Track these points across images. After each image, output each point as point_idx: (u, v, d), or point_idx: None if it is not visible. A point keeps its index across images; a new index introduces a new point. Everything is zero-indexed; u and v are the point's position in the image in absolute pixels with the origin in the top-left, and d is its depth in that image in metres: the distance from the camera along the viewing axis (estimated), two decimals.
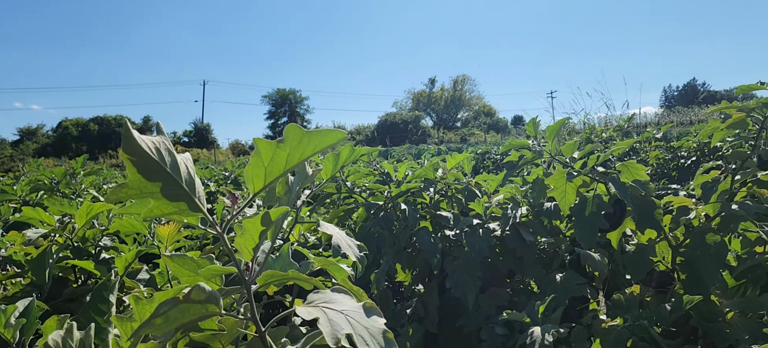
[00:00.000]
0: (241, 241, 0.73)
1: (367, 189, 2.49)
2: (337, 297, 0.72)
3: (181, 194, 0.64)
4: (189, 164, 0.68)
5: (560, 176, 2.08)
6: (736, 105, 1.81)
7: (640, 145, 6.46)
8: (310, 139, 0.69)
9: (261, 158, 0.70)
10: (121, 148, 0.57)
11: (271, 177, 0.72)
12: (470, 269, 2.27)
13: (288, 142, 0.69)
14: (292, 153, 0.70)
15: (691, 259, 1.78)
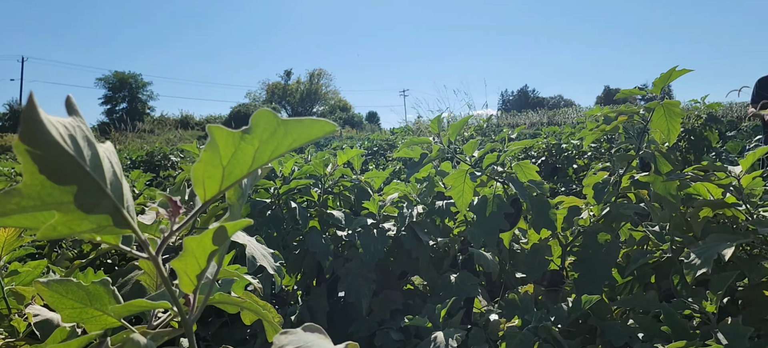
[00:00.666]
0: (180, 265, 0.52)
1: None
2: (311, 339, 0.55)
3: (104, 204, 0.42)
4: (114, 160, 0.46)
5: (459, 175, 2.05)
6: (623, 110, 1.92)
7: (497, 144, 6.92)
8: (288, 130, 0.51)
9: (218, 154, 0.50)
10: (19, 137, 0.35)
11: (230, 179, 0.52)
12: (364, 272, 2.15)
13: (257, 134, 0.50)
14: (262, 148, 0.51)
15: (584, 259, 1.85)
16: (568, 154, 5.95)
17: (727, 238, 1.55)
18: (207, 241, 0.51)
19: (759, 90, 5.54)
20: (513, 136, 6.55)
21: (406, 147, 2.22)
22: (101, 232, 0.45)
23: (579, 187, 5.54)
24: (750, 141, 6.83)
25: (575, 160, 5.92)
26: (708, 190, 1.76)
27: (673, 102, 1.87)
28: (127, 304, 0.56)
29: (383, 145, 7.85)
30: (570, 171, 5.95)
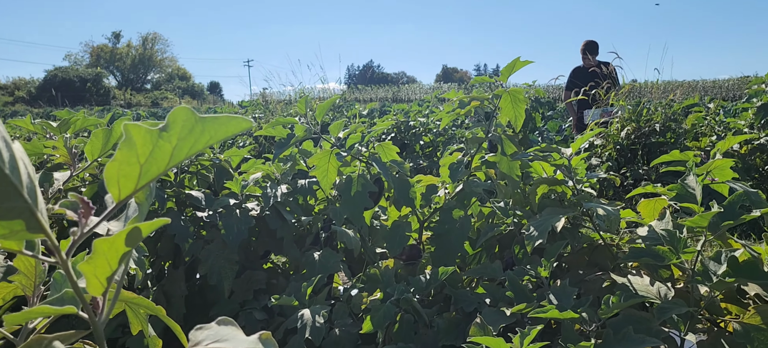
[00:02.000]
0: (89, 268, 0.48)
1: (99, 166, 2.04)
2: (226, 332, 0.55)
3: (19, 208, 0.38)
4: (26, 160, 0.41)
5: (324, 155, 2.08)
6: (475, 96, 2.09)
7: (348, 120, 7.04)
8: (205, 127, 0.50)
9: (135, 151, 0.47)
10: None
11: (147, 177, 0.49)
12: (226, 253, 2.10)
13: (174, 131, 0.48)
14: (179, 145, 0.49)
15: (440, 234, 2.00)
16: (415, 132, 6.29)
17: (558, 212, 1.80)
18: (119, 242, 0.48)
19: (572, 78, 6.49)
20: (364, 112, 6.74)
21: (271, 127, 2.18)
22: (14, 237, 0.40)
23: (426, 161, 5.90)
24: (564, 121, 7.82)
25: (422, 137, 6.28)
26: (544, 169, 2.01)
27: (518, 90, 2.09)
28: (29, 311, 0.51)
29: None
30: (417, 147, 6.30)
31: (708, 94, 35.48)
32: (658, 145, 4.83)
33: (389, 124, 2.22)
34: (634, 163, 4.95)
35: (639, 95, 27.00)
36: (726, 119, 4.97)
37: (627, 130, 5.06)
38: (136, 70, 65.32)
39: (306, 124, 2.09)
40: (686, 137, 4.94)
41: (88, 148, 1.05)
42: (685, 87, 40.95)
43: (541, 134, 6.68)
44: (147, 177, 0.49)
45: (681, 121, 4.91)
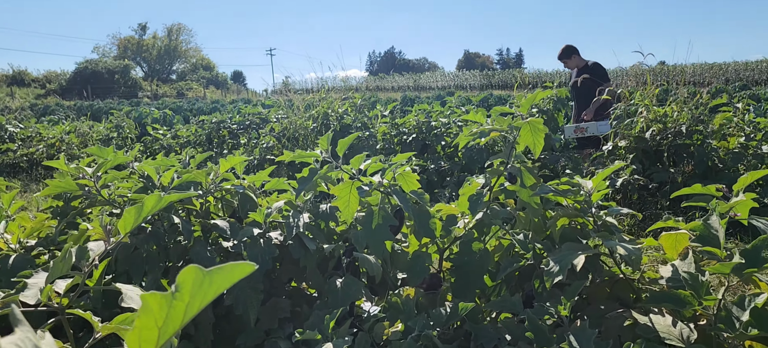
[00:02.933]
0: None
1: (128, 200, 2.11)
2: None
3: None
4: None
5: (345, 187, 2.12)
6: (495, 127, 2.09)
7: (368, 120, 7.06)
8: (213, 280, 0.53)
9: (153, 317, 0.51)
10: None
11: (165, 337, 0.53)
12: (252, 282, 2.15)
13: (185, 290, 0.52)
14: (191, 302, 0.53)
15: (460, 265, 2.03)
16: (437, 132, 6.28)
17: (578, 248, 1.80)
18: None
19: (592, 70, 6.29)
20: (386, 112, 6.74)
21: (293, 156, 2.22)
22: None
23: (447, 163, 5.90)
24: None
25: (443, 138, 6.27)
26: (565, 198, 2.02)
27: (537, 120, 2.09)
28: None
29: (256, 120, 7.65)
30: (439, 148, 6.29)
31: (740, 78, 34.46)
32: (684, 147, 4.74)
33: (408, 156, 2.23)
34: (659, 164, 4.87)
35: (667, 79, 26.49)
36: (755, 119, 4.84)
37: (652, 131, 4.98)
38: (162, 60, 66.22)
39: (329, 160, 2.12)
40: (714, 137, 4.84)
41: (120, 224, 1.10)
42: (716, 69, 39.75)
43: (564, 132, 6.61)
44: (165, 336, 0.53)
45: (708, 121, 4.81)
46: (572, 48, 6.30)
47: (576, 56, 6.29)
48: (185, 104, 24.88)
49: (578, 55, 6.31)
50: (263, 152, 6.87)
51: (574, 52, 6.30)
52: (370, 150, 6.44)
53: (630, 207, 4.60)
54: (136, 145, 8.13)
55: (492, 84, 45.83)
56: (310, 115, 6.89)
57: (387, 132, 6.68)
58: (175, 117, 9.79)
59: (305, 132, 6.83)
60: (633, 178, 4.66)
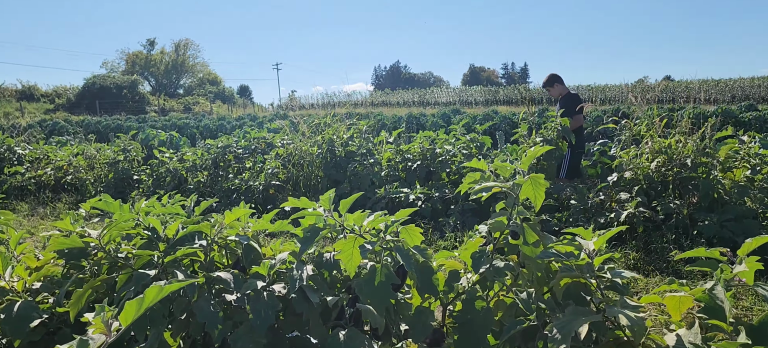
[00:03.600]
0: None
1: (132, 255, 2.12)
2: None
3: None
4: None
5: (348, 242, 2.12)
6: (499, 184, 2.10)
7: (373, 146, 7.07)
8: None
9: None
10: None
11: None
12: (254, 336, 2.15)
13: None
14: None
15: (463, 323, 2.02)
16: (442, 160, 6.29)
17: (582, 313, 1.79)
18: None
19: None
20: (390, 139, 6.77)
21: (295, 203, 2.24)
22: None
23: (452, 191, 5.90)
24: (594, 144, 7.70)
25: (449, 165, 6.28)
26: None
27: (538, 176, 2.09)
28: None
29: (261, 145, 7.69)
30: (443, 175, 6.30)
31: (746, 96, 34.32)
32: (689, 179, 4.73)
33: (409, 212, 2.23)
34: (665, 196, 4.85)
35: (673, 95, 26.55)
36: (761, 151, 4.82)
37: (657, 162, 4.97)
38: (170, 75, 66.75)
39: (331, 220, 2.13)
40: (719, 169, 4.82)
41: (122, 317, 1.11)
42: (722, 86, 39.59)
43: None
44: None
45: (713, 153, 4.79)
46: (556, 77, 6.64)
47: (559, 85, 6.60)
48: (192, 121, 25.02)
49: (561, 83, 6.61)
50: (269, 177, 6.90)
51: (557, 80, 6.61)
52: (375, 177, 6.46)
53: (635, 240, 4.58)
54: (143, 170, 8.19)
55: (497, 99, 45.89)
56: (315, 142, 6.92)
57: (392, 158, 6.69)
58: (181, 139, 9.84)
59: (310, 158, 6.85)
60: (638, 211, 4.65)
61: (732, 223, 4.24)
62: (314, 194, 6.79)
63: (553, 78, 6.65)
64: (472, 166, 2.47)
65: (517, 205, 2.10)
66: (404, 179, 6.49)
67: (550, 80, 6.67)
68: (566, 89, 6.59)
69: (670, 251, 4.24)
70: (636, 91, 40.28)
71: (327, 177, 6.72)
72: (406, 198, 5.84)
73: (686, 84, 40.47)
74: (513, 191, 2.11)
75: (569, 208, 5.23)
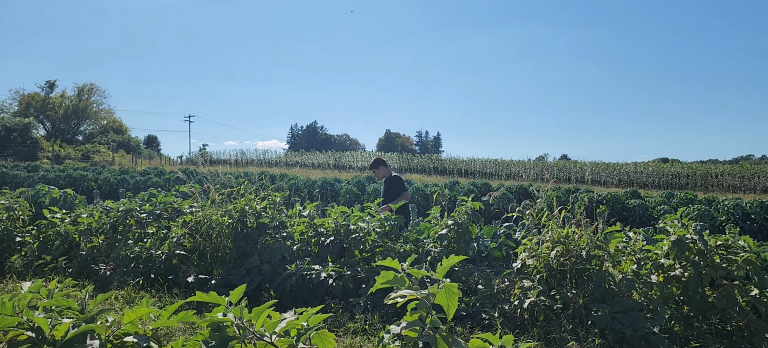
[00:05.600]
0: None
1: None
2: None
3: None
4: None
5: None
6: (413, 292, 2.14)
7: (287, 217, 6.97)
8: None
9: None
10: None
11: None
12: None
13: None
14: None
15: None
16: (355, 237, 6.31)
17: None
18: None
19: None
20: (305, 213, 6.71)
21: (203, 298, 2.14)
22: None
23: (364, 270, 5.89)
24: (500, 226, 8.08)
25: (362, 242, 6.30)
26: None
27: (451, 285, 2.16)
28: None
29: (168, 210, 7.33)
30: (356, 253, 6.30)
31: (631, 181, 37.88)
32: (585, 270, 5.07)
33: (322, 317, 2.21)
34: (563, 285, 5.15)
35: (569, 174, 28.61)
36: (646, 246, 5.29)
37: (556, 251, 5.29)
38: (69, 120, 62.63)
39: (240, 324, 2.06)
40: (611, 261, 5.21)
41: None
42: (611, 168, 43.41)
43: (478, 241, 6.86)
44: None
45: (604, 247, 5.19)
46: (381, 160, 7.95)
47: (383, 167, 7.90)
48: (90, 172, 23.38)
49: (385, 166, 7.92)
50: (173, 246, 6.56)
51: (382, 163, 7.91)
52: (286, 251, 6.34)
53: (537, 327, 4.78)
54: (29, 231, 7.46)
55: (411, 167, 47.24)
56: (227, 211, 6.72)
57: (305, 232, 6.62)
58: (77, 197, 9.14)
59: (220, 228, 6.62)
60: (540, 300, 4.88)
61: (621, 314, 4.56)
62: (221, 265, 6.52)
63: (378, 161, 7.87)
64: (386, 264, 2.51)
65: (430, 314, 2.15)
66: (316, 254, 6.42)
67: (375, 164, 7.88)
68: (389, 171, 7.86)
69: (568, 341, 4.46)
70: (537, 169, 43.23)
71: (236, 248, 6.50)
72: (318, 276, 5.76)
73: (580, 165, 44.00)
74: (427, 300, 2.16)
75: (477, 293, 5.39)
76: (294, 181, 20.70)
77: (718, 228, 12.21)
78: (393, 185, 7.83)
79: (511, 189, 17.15)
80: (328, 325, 5.00)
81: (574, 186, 24.03)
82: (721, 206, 14.04)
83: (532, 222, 6.08)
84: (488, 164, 46.29)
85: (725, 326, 4.75)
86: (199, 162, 53.14)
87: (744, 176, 37.95)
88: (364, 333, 4.85)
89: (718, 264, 4.83)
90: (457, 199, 6.63)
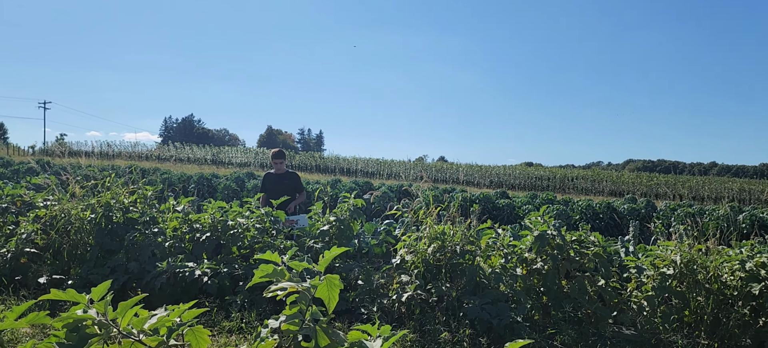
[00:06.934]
0: None
1: None
2: None
3: None
4: None
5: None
6: (294, 285, 2.11)
7: (159, 213, 6.54)
8: None
9: None
10: None
11: None
12: None
13: None
14: None
15: None
16: (234, 233, 6.09)
17: None
18: None
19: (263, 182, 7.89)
20: (179, 208, 6.34)
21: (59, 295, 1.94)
22: None
23: (242, 267, 5.71)
24: (381, 223, 8.25)
25: (241, 239, 6.10)
26: None
27: (333, 276, 2.16)
28: None
29: (16, 204, 6.53)
30: (234, 249, 6.09)
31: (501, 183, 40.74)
32: (458, 265, 5.35)
33: (196, 313, 2.10)
34: (439, 279, 5.39)
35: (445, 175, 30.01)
36: (512, 242, 5.71)
37: (433, 247, 5.52)
38: None
39: (102, 320, 1.90)
40: (482, 256, 5.55)
41: None
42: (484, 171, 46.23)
43: (359, 237, 6.96)
44: None
45: (477, 242, 5.51)
46: (284, 152, 8.01)
47: (285, 160, 7.94)
48: None
49: (285, 159, 7.98)
50: (22, 243, 5.87)
51: (285, 156, 7.96)
52: (158, 248, 5.95)
53: (414, 320, 4.96)
54: None
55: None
56: (89, 205, 6.14)
57: (178, 228, 6.26)
58: None
59: (80, 224, 6.04)
60: (416, 294, 5.07)
61: (489, 305, 4.88)
62: (81, 263, 5.95)
63: (283, 153, 7.90)
64: (265, 257, 2.46)
65: (311, 307, 2.14)
66: (191, 252, 6.10)
67: (281, 154, 7.85)
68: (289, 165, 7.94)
69: (441, 333, 4.68)
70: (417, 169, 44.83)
71: (99, 245, 5.96)
72: (192, 273, 5.47)
73: (456, 166, 46.44)
74: (308, 293, 2.14)
75: (357, 288, 5.46)
76: (167, 175, 19.50)
77: (573, 226, 13.51)
78: (296, 181, 7.78)
79: (392, 188, 17.59)
80: (202, 324, 4.78)
81: (451, 186, 25.26)
82: (576, 206, 15.56)
83: (411, 219, 6.29)
84: (370, 164, 47.11)
85: (577, 313, 5.27)
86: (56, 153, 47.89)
87: (595, 180, 42.45)
88: (241, 331, 4.70)
89: (573, 257, 5.35)
90: (339, 197, 6.67)
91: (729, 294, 4.84)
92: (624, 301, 5.35)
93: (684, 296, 4.99)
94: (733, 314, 4.69)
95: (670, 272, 5.03)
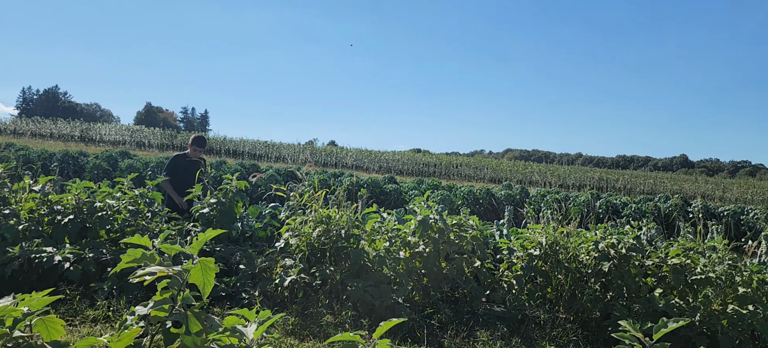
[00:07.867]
0: None
1: None
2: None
3: None
4: None
5: None
6: (165, 269, 1.98)
7: (11, 193, 5.85)
8: None
9: None
10: None
11: None
12: None
13: None
14: None
15: None
16: (102, 215, 5.61)
17: None
18: None
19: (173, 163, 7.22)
20: (36, 187, 5.70)
21: None
22: None
23: (111, 252, 5.28)
24: (266, 206, 8.06)
25: (111, 222, 5.65)
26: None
27: (207, 260, 2.06)
28: None
29: None
30: (103, 233, 5.62)
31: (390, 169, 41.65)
32: (343, 248, 5.38)
33: (49, 299, 1.91)
34: (323, 263, 5.38)
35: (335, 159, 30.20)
36: (397, 226, 5.85)
37: (318, 231, 5.49)
38: None
39: None
40: (368, 240, 5.62)
41: None
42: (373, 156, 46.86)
43: (242, 220, 6.75)
44: None
45: (362, 226, 5.57)
46: (206, 140, 7.64)
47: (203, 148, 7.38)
48: None
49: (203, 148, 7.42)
50: None
51: (206, 144, 7.47)
52: (8, 231, 5.32)
53: (296, 304, 4.91)
54: None
55: (174, 145, 44.03)
56: None
57: (35, 209, 5.65)
58: None
59: None
60: (300, 277, 5.02)
61: (372, 288, 4.97)
62: None
63: (205, 141, 7.41)
64: (134, 241, 2.30)
65: (183, 291, 2.02)
66: (50, 236, 5.53)
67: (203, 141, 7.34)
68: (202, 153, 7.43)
69: (324, 315, 4.69)
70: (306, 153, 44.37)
71: None
72: (50, 259, 4.96)
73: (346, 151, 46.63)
74: (180, 277, 2.02)
75: (238, 273, 5.29)
76: (25, 151, 17.54)
77: (456, 210, 14.17)
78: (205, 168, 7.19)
79: (280, 171, 17.25)
80: (61, 314, 4.37)
81: (340, 170, 25.33)
82: (459, 192, 16.33)
83: (296, 203, 6.20)
84: (258, 146, 45.85)
85: (454, 293, 5.54)
86: None
87: (477, 167, 44.81)
88: (107, 320, 4.36)
89: (453, 240, 5.60)
90: (222, 179, 6.40)
91: (585, 272, 5.34)
92: (496, 280, 5.71)
93: (547, 275, 5.43)
94: (586, 290, 5.20)
95: (536, 253, 5.45)
